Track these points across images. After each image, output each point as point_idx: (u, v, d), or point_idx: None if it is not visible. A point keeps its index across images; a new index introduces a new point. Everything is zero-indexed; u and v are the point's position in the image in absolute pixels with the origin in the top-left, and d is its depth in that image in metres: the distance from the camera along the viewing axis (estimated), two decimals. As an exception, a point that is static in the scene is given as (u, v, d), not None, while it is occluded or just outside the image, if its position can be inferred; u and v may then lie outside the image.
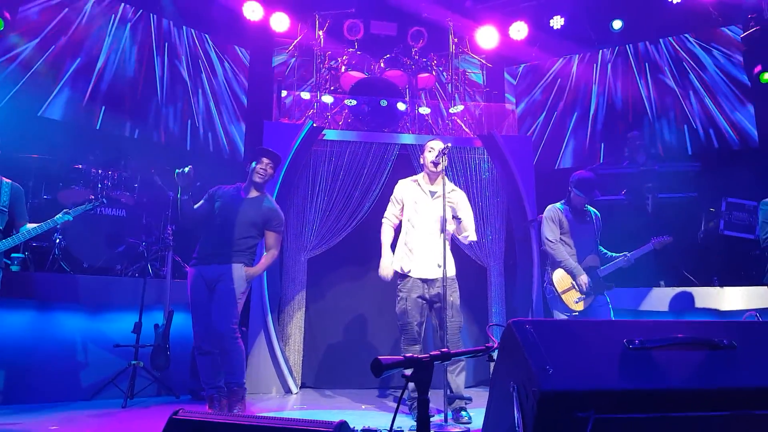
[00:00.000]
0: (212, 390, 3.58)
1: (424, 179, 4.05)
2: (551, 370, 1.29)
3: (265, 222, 3.83)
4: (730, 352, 1.40)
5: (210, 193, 3.86)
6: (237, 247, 3.70)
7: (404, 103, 5.95)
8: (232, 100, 7.04)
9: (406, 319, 3.81)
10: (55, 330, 4.41)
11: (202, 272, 3.66)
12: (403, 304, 3.84)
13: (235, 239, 3.70)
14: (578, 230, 4.13)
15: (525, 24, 6.68)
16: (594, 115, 7.00)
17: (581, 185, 4.13)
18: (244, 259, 3.74)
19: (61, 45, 5.85)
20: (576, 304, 3.97)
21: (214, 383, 3.58)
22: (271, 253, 3.88)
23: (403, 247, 3.95)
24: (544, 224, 4.17)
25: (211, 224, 3.75)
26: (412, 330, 3.79)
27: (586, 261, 4.07)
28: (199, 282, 3.65)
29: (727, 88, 6.36)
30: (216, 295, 3.62)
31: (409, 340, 3.80)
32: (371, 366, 1.40)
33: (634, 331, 1.43)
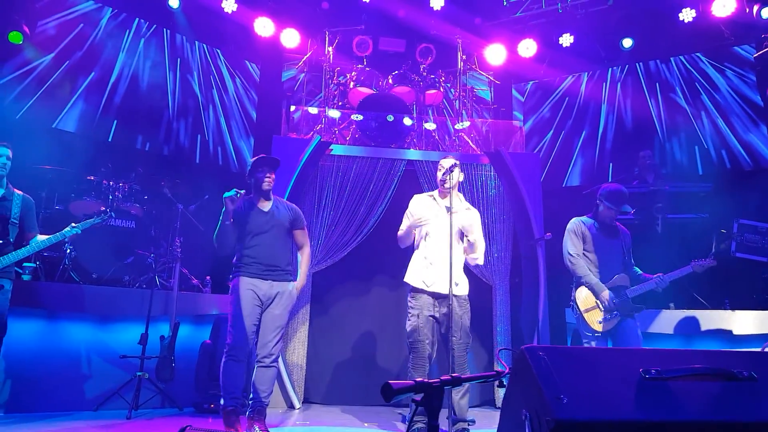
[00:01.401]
0: (233, 401, 3.52)
1: (440, 194, 4.04)
2: (565, 399, 1.27)
3: (292, 223, 3.86)
4: (750, 383, 1.37)
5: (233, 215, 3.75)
6: (284, 262, 3.76)
7: (411, 119, 5.97)
8: (242, 115, 7.09)
9: (417, 337, 3.70)
10: (62, 340, 4.42)
11: (255, 284, 3.64)
12: (414, 322, 3.73)
13: (282, 253, 3.76)
14: (604, 246, 3.92)
15: (534, 41, 6.71)
16: (603, 134, 6.99)
17: (612, 197, 3.93)
18: (292, 275, 3.82)
19: (77, 59, 5.94)
20: (599, 324, 3.72)
21: (235, 393, 3.55)
22: (306, 253, 3.94)
23: (422, 260, 3.86)
24: (567, 238, 3.97)
25: (249, 240, 3.70)
26: (424, 349, 3.68)
27: (614, 280, 3.82)
28: (251, 293, 3.62)
29: (740, 108, 6.33)
30: (270, 314, 3.66)
31: (419, 359, 3.68)
32: (381, 390, 1.38)
33: (650, 360, 1.41)
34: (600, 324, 3.71)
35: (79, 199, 5.09)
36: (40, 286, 4.37)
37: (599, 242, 3.90)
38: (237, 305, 3.61)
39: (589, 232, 3.93)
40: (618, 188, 3.99)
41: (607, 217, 3.97)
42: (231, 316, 3.63)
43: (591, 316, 3.75)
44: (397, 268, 5.52)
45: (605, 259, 3.88)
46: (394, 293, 5.42)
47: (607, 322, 3.72)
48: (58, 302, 4.35)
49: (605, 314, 3.71)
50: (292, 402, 4.92)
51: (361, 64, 6.36)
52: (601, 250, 3.88)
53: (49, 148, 5.30)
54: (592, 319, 3.74)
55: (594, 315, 3.75)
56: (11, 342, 3.97)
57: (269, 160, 3.79)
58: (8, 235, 3.57)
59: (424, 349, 3.68)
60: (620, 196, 3.95)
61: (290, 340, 5.14)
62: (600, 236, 3.93)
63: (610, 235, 3.97)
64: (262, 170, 3.74)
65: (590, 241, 3.90)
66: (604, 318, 3.71)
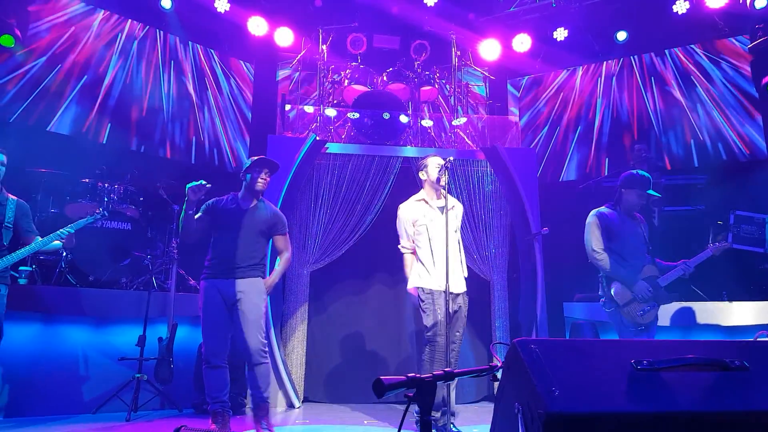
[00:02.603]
0: (217, 405, 3.55)
1: (429, 196, 4.04)
2: (557, 392, 1.27)
3: (271, 228, 3.81)
4: (742, 373, 1.37)
5: (208, 206, 3.77)
6: (251, 260, 3.68)
7: (407, 116, 5.96)
8: (237, 115, 7.08)
9: (437, 331, 3.74)
10: (60, 343, 4.41)
11: (218, 286, 3.60)
12: (434, 317, 3.76)
13: (249, 252, 3.67)
14: (629, 236, 3.75)
15: (528, 36, 6.70)
16: (599, 128, 6.99)
17: (639, 182, 3.74)
18: (260, 273, 3.74)
19: (70, 61, 5.92)
20: (641, 317, 3.61)
21: (219, 398, 3.56)
22: (284, 257, 3.86)
23: (423, 266, 3.92)
24: (589, 232, 3.77)
25: (219, 238, 3.71)
26: (442, 344, 3.71)
27: (645, 271, 3.71)
28: (215, 296, 3.59)
29: (735, 100, 6.32)
30: (241, 312, 3.57)
31: (439, 353, 3.72)
32: (373, 386, 1.37)
33: (642, 351, 1.40)
34: (641, 316, 3.61)
35: (74, 202, 5.07)
36: (37, 290, 4.36)
37: (624, 233, 3.74)
38: (205, 311, 3.59)
39: (612, 223, 3.75)
40: (641, 173, 3.81)
41: (634, 205, 3.80)
42: (202, 323, 3.61)
43: (631, 310, 3.63)
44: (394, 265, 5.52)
45: (632, 250, 3.74)
46: (392, 291, 5.42)
47: (647, 313, 3.62)
48: (56, 305, 4.34)
49: (644, 306, 3.61)
50: (291, 401, 4.92)
51: (355, 62, 6.35)
52: (627, 241, 3.73)
53: (44, 151, 5.30)
54: (633, 312, 3.62)
55: (634, 308, 3.63)
56: (9, 346, 3.97)
57: (270, 162, 3.77)
58: (2, 239, 3.56)
59: (442, 343, 3.71)
60: (646, 180, 3.76)
61: (289, 338, 5.14)
62: (624, 226, 3.76)
63: (633, 225, 3.81)
64: (259, 170, 3.73)
65: (615, 233, 3.73)
66: (643, 310, 3.61)
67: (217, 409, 3.54)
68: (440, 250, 3.83)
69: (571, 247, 5.69)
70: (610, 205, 3.86)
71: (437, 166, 3.97)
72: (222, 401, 3.56)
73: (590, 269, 5.79)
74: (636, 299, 3.62)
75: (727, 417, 1.27)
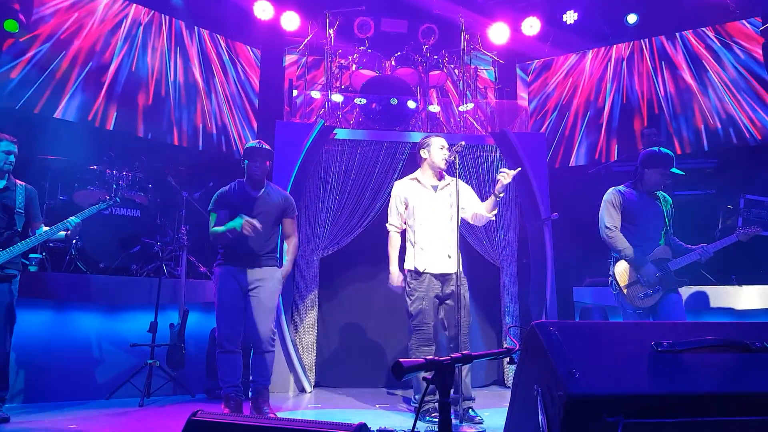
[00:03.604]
0: (230, 389, 3.59)
1: (424, 175, 3.96)
2: (578, 374, 1.26)
3: (282, 212, 3.82)
4: (763, 355, 1.36)
5: (222, 199, 3.76)
6: (267, 248, 3.71)
7: (415, 102, 5.92)
8: (244, 101, 7.05)
9: (422, 319, 3.71)
10: (72, 330, 4.45)
11: (235, 273, 3.62)
12: (419, 304, 3.72)
13: (264, 241, 3.69)
14: (646, 216, 3.62)
15: (537, 19, 6.61)
16: (608, 112, 6.92)
17: (661, 160, 3.59)
18: (276, 261, 3.78)
19: (75, 47, 5.89)
20: (641, 300, 3.51)
21: (233, 382, 3.59)
22: (292, 242, 3.87)
23: (413, 247, 3.87)
24: (604, 209, 3.65)
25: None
26: (429, 331, 3.70)
27: (655, 253, 3.58)
28: (232, 282, 3.61)
29: (747, 84, 6.24)
30: (257, 300, 3.62)
31: (424, 341, 3.70)
32: (392, 369, 1.38)
33: (662, 333, 1.40)
34: (641, 300, 3.51)
35: (82, 189, 5.09)
36: (48, 277, 4.39)
37: (640, 212, 3.61)
38: (220, 297, 3.61)
39: (628, 202, 3.63)
40: (664, 151, 3.66)
41: (656, 184, 3.65)
42: (216, 308, 3.63)
43: (632, 292, 3.53)
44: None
45: (647, 231, 3.60)
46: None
47: (649, 297, 3.50)
48: (67, 292, 4.37)
49: (647, 289, 3.50)
50: (303, 386, 4.96)
51: (363, 46, 6.29)
52: (643, 221, 3.60)
53: (51, 138, 5.30)
54: (633, 294, 3.52)
55: (635, 290, 3.53)
56: (22, 333, 4.02)
57: (263, 151, 3.74)
58: (15, 225, 3.60)
59: (429, 331, 3.70)
60: (670, 158, 3.61)
61: (300, 324, 5.17)
62: (641, 206, 3.62)
63: (652, 204, 3.66)
64: (254, 160, 3.71)
65: (630, 212, 3.60)
66: (645, 293, 3.50)
67: (231, 393, 3.58)
68: (431, 231, 3.79)
69: (580, 232, 5.67)
70: (629, 184, 3.73)
71: (441, 147, 3.90)
72: (235, 385, 3.60)
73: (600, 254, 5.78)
74: (640, 282, 3.52)
75: (750, 398, 1.26)
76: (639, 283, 3.52)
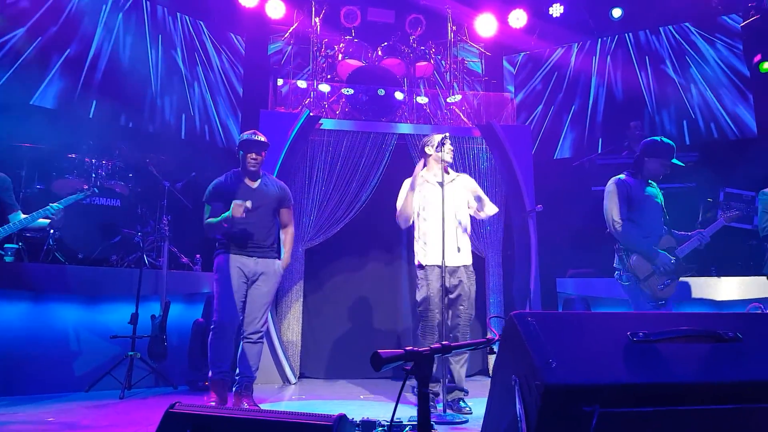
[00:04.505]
0: (220, 374, 3.57)
1: (430, 172, 3.99)
2: (554, 364, 1.27)
3: (280, 202, 3.82)
4: (735, 344, 1.38)
5: (217, 190, 3.72)
6: (269, 240, 3.73)
7: (402, 93, 5.90)
8: (228, 89, 6.96)
9: (427, 305, 3.76)
10: (50, 321, 4.38)
11: (240, 263, 3.62)
12: (425, 291, 3.78)
13: (266, 232, 3.71)
14: (650, 206, 3.58)
15: (524, 12, 6.61)
16: (593, 105, 6.96)
17: (662, 149, 3.55)
18: (277, 253, 3.80)
19: (53, 32, 5.74)
20: (662, 290, 3.45)
21: (223, 368, 3.60)
22: (290, 232, 3.89)
23: (419, 242, 3.93)
24: (609, 201, 3.58)
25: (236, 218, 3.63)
26: (434, 318, 3.73)
27: (663, 242, 3.55)
28: (237, 271, 3.61)
29: (728, 80, 6.31)
30: (258, 292, 3.65)
31: (429, 328, 3.75)
32: (371, 360, 1.37)
33: (638, 323, 1.41)
34: (662, 290, 3.45)
35: (60, 178, 4.99)
36: (24, 268, 4.30)
37: (645, 203, 3.57)
38: (224, 283, 3.59)
39: (633, 191, 3.57)
40: (665, 141, 3.64)
41: (656, 174, 3.62)
42: (217, 294, 3.62)
43: (652, 284, 3.46)
44: (390, 242, 5.56)
45: (652, 220, 3.57)
46: (388, 267, 5.43)
47: (669, 287, 3.46)
48: (44, 283, 4.29)
49: (665, 279, 3.45)
50: (287, 377, 4.95)
51: (349, 36, 6.24)
52: (647, 211, 3.57)
53: (27, 125, 5.17)
54: (653, 286, 3.46)
55: (654, 282, 3.46)
56: (-3, 324, 3.95)
57: (258, 143, 3.72)
58: (-11, 214, 3.51)
59: (434, 318, 3.74)
60: (670, 148, 3.58)
61: (285, 316, 5.15)
62: (645, 196, 3.59)
63: (652, 194, 3.64)
64: (249, 151, 3.69)
65: (636, 202, 3.55)
66: (664, 283, 3.45)
67: (217, 378, 3.56)
68: (435, 225, 3.81)
69: (564, 223, 5.72)
70: (629, 173, 3.68)
71: (430, 143, 3.96)
72: (224, 371, 3.60)
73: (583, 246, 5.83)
74: (656, 272, 3.46)
75: (722, 387, 1.28)
76: (656, 274, 3.46)
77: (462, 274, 3.80)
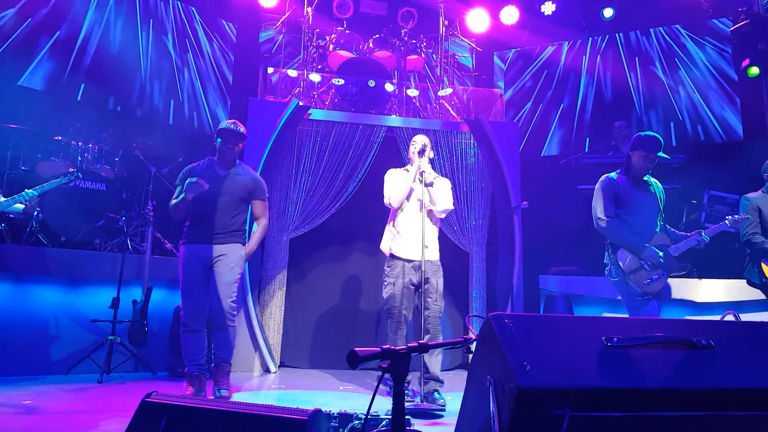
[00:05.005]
0: (194, 367, 3.58)
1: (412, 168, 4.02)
2: (528, 366, 1.28)
3: (250, 193, 3.81)
4: (707, 352, 1.41)
5: (189, 175, 3.71)
6: (231, 226, 3.71)
7: (392, 84, 5.87)
8: (218, 76, 6.88)
9: (393, 303, 3.85)
10: (30, 303, 4.34)
11: (197, 251, 3.61)
12: (390, 289, 3.87)
13: (228, 219, 3.69)
14: (641, 203, 3.52)
15: (516, 8, 6.61)
16: (582, 104, 6.99)
17: (645, 143, 3.49)
18: (240, 239, 3.76)
19: (43, 14, 5.63)
20: (648, 285, 3.38)
21: (197, 361, 3.59)
22: (261, 224, 3.88)
23: (392, 230, 4.01)
24: (597, 198, 3.55)
25: (199, 205, 3.65)
26: (400, 315, 3.83)
27: (655, 239, 3.48)
28: (195, 260, 3.60)
29: (717, 83, 6.36)
30: (216, 275, 3.62)
31: (395, 323, 3.84)
32: (347, 358, 1.38)
33: (613, 328, 1.43)
34: (649, 285, 3.38)
35: (46, 160, 4.92)
36: (6, 249, 4.25)
37: (635, 199, 3.52)
38: (185, 276, 3.60)
39: (621, 188, 3.52)
40: (649, 133, 3.57)
41: (641, 167, 3.54)
42: (181, 287, 3.62)
43: (638, 278, 3.41)
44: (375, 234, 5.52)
45: (642, 218, 3.51)
46: (372, 259, 5.44)
47: (655, 282, 3.39)
48: (26, 265, 4.26)
49: (652, 273, 3.39)
50: (267, 366, 4.95)
51: (341, 27, 6.20)
52: (638, 208, 3.51)
53: (14, 106, 5.09)
54: (639, 280, 3.40)
55: (641, 276, 3.41)
56: (-23, 305, 3.90)
57: (236, 133, 3.71)
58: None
59: (400, 314, 3.83)
60: (655, 141, 3.50)
61: (267, 304, 5.15)
62: (635, 192, 3.53)
63: (645, 189, 3.57)
64: (225, 141, 3.70)
65: (624, 198, 3.51)
66: (651, 278, 3.39)
67: (194, 371, 3.57)
68: (408, 219, 3.92)
69: (549, 221, 5.77)
70: (621, 171, 3.64)
71: (414, 143, 4.00)
72: (199, 364, 3.59)
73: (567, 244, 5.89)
74: (643, 267, 3.41)
75: (693, 394, 1.30)
76: (643, 269, 3.41)
77: (428, 269, 3.82)
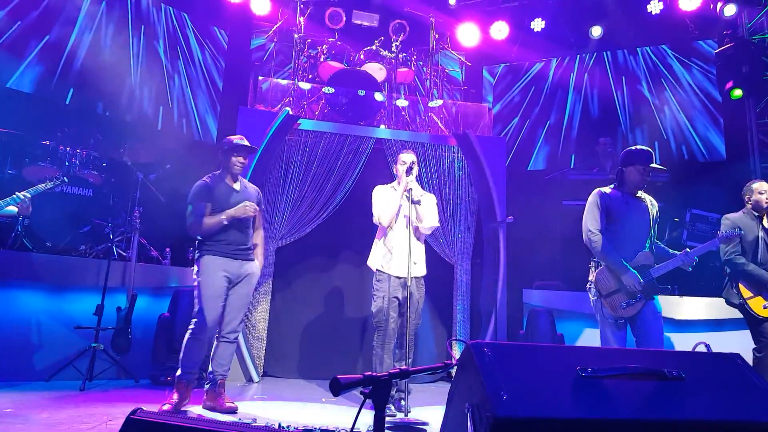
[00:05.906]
0: (187, 375, 3.58)
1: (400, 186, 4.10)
2: (505, 396, 1.32)
3: (257, 205, 3.88)
4: (678, 383, 1.46)
5: (205, 192, 3.72)
6: (249, 242, 3.81)
7: (382, 94, 5.93)
8: (208, 83, 6.89)
9: (382, 317, 3.93)
10: (13, 309, 4.31)
11: (223, 265, 3.64)
12: (380, 303, 3.95)
13: (247, 235, 3.80)
14: (632, 218, 3.42)
15: (506, 24, 6.71)
16: (569, 120, 7.10)
17: (638, 155, 3.42)
18: (254, 256, 3.88)
19: (33, 17, 5.61)
20: (623, 309, 3.30)
21: (193, 369, 3.61)
22: (260, 234, 3.99)
23: (383, 247, 4.07)
24: (587, 211, 3.46)
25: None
26: (388, 328, 3.90)
27: (638, 259, 3.37)
28: (220, 273, 3.63)
29: (702, 104, 6.50)
30: (239, 293, 3.72)
31: (383, 336, 3.93)
32: (330, 385, 1.41)
33: (589, 358, 1.47)
34: (623, 309, 3.30)
35: (33, 165, 4.90)
36: (-10, 254, 4.23)
37: (626, 214, 3.42)
38: (207, 286, 3.60)
39: (612, 202, 3.44)
40: (641, 147, 3.50)
41: (636, 182, 3.45)
42: (200, 297, 3.60)
43: (614, 301, 3.33)
44: (362, 245, 5.56)
45: (632, 234, 3.41)
46: (357, 270, 5.47)
47: (631, 306, 3.30)
48: (9, 270, 4.24)
49: (629, 298, 3.30)
50: (251, 375, 4.95)
51: (333, 38, 6.24)
52: (629, 224, 3.41)
53: (2, 108, 5.05)
54: (615, 304, 3.32)
55: (617, 299, 3.32)
56: (-41, 310, 3.87)
57: (248, 147, 3.82)
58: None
59: (389, 328, 3.91)
60: (646, 154, 3.43)
61: (252, 313, 5.15)
62: (627, 208, 3.44)
63: (637, 206, 3.47)
64: (238, 155, 3.76)
65: (614, 213, 3.42)
66: (627, 302, 3.29)
67: (185, 379, 3.57)
68: (397, 236, 4.01)
69: (534, 235, 5.84)
70: (615, 186, 3.56)
71: (403, 163, 4.07)
72: (192, 372, 3.60)
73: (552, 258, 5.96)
74: (622, 290, 3.32)
75: (663, 425, 1.35)
76: (621, 292, 3.32)
77: (413, 284, 3.91)
